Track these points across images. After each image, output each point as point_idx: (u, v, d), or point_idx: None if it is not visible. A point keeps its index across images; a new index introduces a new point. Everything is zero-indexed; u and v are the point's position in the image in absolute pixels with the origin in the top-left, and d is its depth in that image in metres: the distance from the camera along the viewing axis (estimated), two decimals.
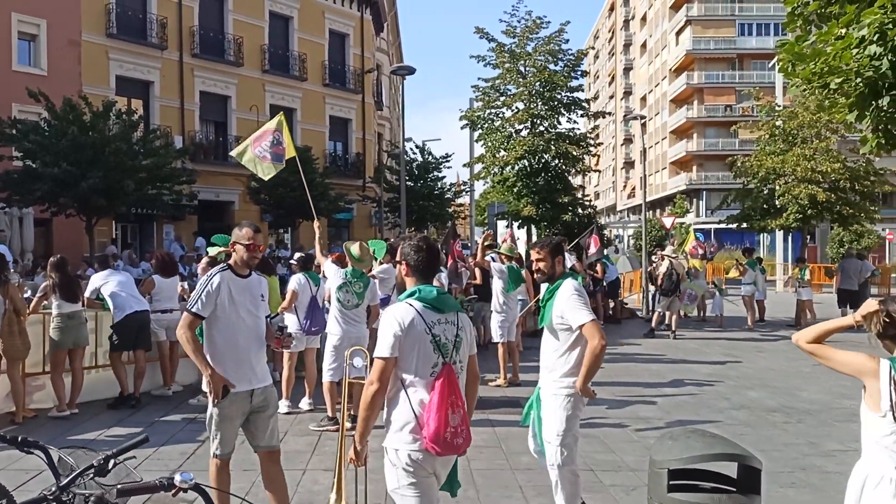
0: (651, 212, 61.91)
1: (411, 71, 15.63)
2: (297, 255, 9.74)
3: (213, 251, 8.34)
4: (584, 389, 4.10)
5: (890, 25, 4.55)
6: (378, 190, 31.75)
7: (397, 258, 3.48)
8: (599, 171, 40.85)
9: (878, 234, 35.38)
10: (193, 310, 4.22)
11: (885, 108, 5.09)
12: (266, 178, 8.29)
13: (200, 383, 8.37)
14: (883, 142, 5.51)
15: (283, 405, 7.63)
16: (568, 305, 4.12)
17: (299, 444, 6.66)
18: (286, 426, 7.11)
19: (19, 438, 2.97)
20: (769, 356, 12.46)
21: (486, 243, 11.19)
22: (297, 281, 7.82)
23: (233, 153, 8.13)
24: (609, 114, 29.88)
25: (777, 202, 22.69)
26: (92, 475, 2.68)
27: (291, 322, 7.67)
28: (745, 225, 24.73)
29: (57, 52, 22.99)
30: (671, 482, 2.91)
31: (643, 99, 70.33)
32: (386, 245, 9.35)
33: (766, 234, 31.29)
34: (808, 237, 25.66)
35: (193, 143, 26.26)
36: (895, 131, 5.24)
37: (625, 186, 77.19)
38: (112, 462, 2.69)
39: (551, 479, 4.25)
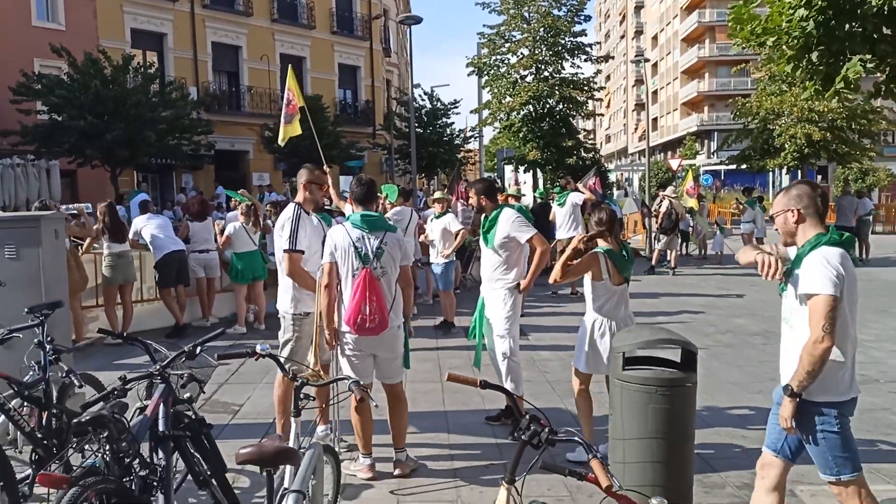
0: (662, 154, 61.90)
1: (418, 20, 16.07)
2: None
3: (242, 198, 9.26)
4: (528, 287, 5.35)
5: None
6: (388, 137, 32.23)
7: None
8: (602, 115, 40.85)
9: (892, 173, 35.20)
10: (298, 248, 4.70)
11: (814, 61, 5.89)
12: (282, 144, 8.76)
13: (235, 316, 9.32)
14: (820, 88, 6.26)
15: None
16: (513, 227, 5.22)
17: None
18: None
19: (125, 334, 3.83)
20: (761, 289, 13.15)
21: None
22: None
23: (281, 138, 8.46)
24: (611, 57, 29.88)
25: (776, 142, 23.09)
26: (183, 359, 3.54)
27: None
28: (744, 165, 25.19)
29: (73, 7, 23.39)
30: (626, 367, 3.71)
31: (654, 38, 69.40)
32: (398, 188, 10.09)
33: (776, 175, 31.62)
34: (819, 177, 25.99)
35: (208, 94, 26.79)
36: (828, 80, 6.03)
37: (636, 129, 76.79)
38: (199, 349, 3.54)
39: (501, 370, 5.26)
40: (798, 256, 3.13)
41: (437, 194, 10.04)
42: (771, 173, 31.70)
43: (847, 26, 5.64)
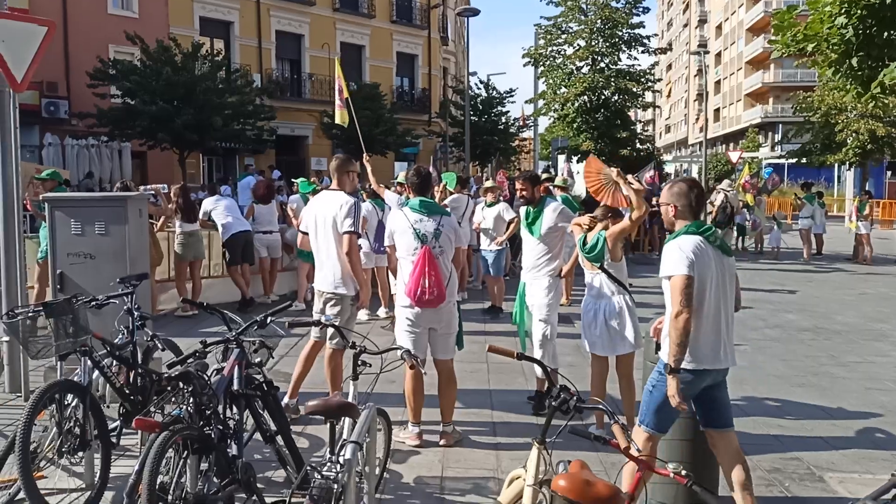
0: (723, 146, 60.53)
1: (475, 12, 16.33)
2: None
3: (312, 186, 9.88)
4: (569, 273, 5.89)
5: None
6: (443, 125, 32.56)
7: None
8: (659, 108, 39.82)
9: None
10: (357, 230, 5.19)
11: (854, 67, 6.02)
12: (345, 124, 9.38)
13: (295, 293, 9.84)
14: (861, 91, 6.39)
15: (363, 313, 8.95)
16: (559, 218, 5.50)
17: (379, 342, 7.96)
18: (367, 329, 8.42)
19: (205, 304, 4.28)
20: (816, 286, 13.05)
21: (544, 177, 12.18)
22: (365, 208, 9.01)
23: (337, 118, 9.23)
24: (670, 49, 29.47)
25: (837, 138, 22.51)
26: (255, 327, 3.96)
27: (363, 244, 8.93)
28: (804, 160, 24.61)
29: None
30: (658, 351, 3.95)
31: (718, 27, 67.67)
32: (457, 176, 10.46)
33: (841, 170, 30.65)
34: (889, 172, 25.25)
35: (271, 81, 27.60)
36: (867, 85, 6.18)
37: (697, 119, 75.11)
38: (269, 319, 3.95)
39: (538, 353, 5.49)
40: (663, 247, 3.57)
41: (489, 183, 10.37)
42: (836, 168, 30.82)
43: (885, 34, 5.86)
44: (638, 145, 20.97)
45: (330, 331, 5.02)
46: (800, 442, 5.17)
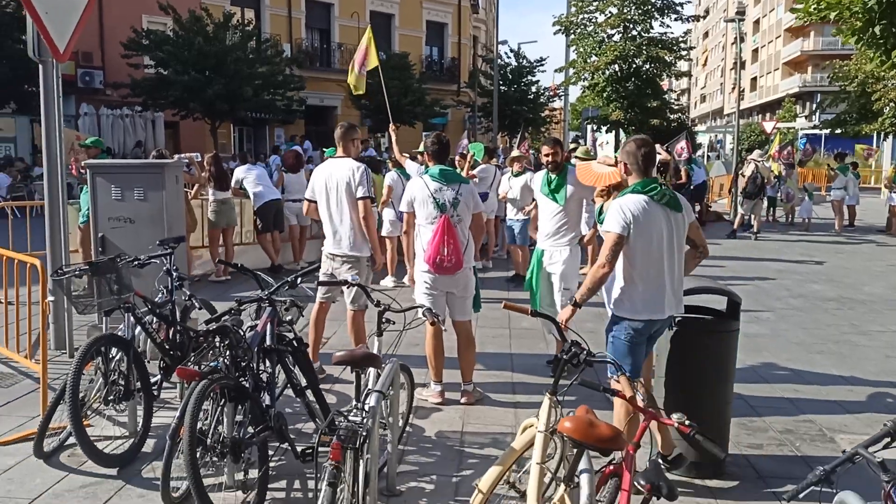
0: (760, 115, 59.25)
1: None
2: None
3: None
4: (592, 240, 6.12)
5: None
6: (472, 94, 32.45)
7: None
8: (688, 76, 38.81)
9: None
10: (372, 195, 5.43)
11: (877, 35, 5.96)
12: (355, 92, 9.55)
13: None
14: (884, 59, 6.34)
15: (389, 280, 9.17)
16: (581, 185, 5.43)
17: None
18: (394, 294, 8.63)
19: (240, 265, 4.51)
20: (846, 257, 12.93)
21: (572, 147, 12.27)
22: (391, 178, 9.16)
23: (350, 81, 9.41)
24: (704, 16, 28.82)
25: (874, 107, 21.98)
26: (286, 287, 4.18)
27: (389, 213, 9.10)
28: (838, 130, 24.10)
29: None
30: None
31: None
32: (484, 146, 10.57)
33: (879, 140, 29.90)
34: None
35: (301, 51, 27.75)
36: (889, 53, 6.13)
37: (733, 88, 73.48)
38: (299, 280, 4.17)
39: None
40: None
41: (515, 153, 10.45)
42: (875, 137, 30.10)
43: None
44: (669, 115, 20.71)
45: (350, 294, 5.25)
46: (814, 405, 5.28)
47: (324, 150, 13.44)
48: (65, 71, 6.41)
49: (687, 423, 2.71)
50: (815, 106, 49.81)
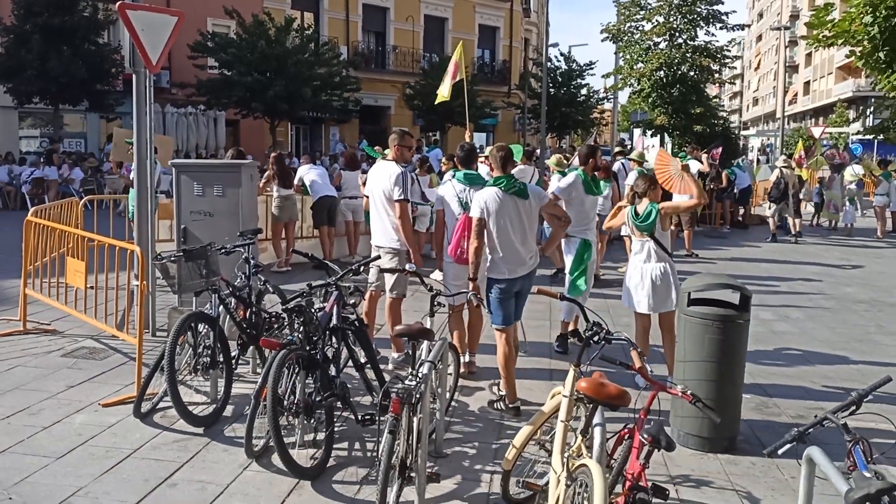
0: (812, 120, 58.05)
1: None
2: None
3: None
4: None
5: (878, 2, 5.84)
6: (522, 96, 32.89)
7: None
8: (730, 83, 38.23)
9: None
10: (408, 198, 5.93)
11: (882, 59, 6.36)
12: (446, 97, 10.29)
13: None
14: (891, 81, 6.74)
15: (438, 273, 9.80)
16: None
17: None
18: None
19: (310, 255, 5.18)
20: (886, 262, 12.99)
21: (617, 149, 12.77)
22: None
23: (441, 90, 10.18)
24: (747, 26, 28.53)
25: None
26: (351, 275, 4.82)
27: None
28: (881, 136, 23.73)
29: None
30: (690, 305, 4.60)
31: None
32: (523, 148, 11.11)
33: None
34: None
35: (357, 53, 28.64)
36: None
37: (786, 92, 71.97)
38: (361, 268, 4.82)
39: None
40: None
41: (554, 158, 10.92)
42: None
43: None
44: (713, 121, 20.84)
45: (389, 283, 5.89)
46: (828, 395, 5.68)
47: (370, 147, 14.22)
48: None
49: (689, 392, 3.24)
50: (868, 110, 48.63)
